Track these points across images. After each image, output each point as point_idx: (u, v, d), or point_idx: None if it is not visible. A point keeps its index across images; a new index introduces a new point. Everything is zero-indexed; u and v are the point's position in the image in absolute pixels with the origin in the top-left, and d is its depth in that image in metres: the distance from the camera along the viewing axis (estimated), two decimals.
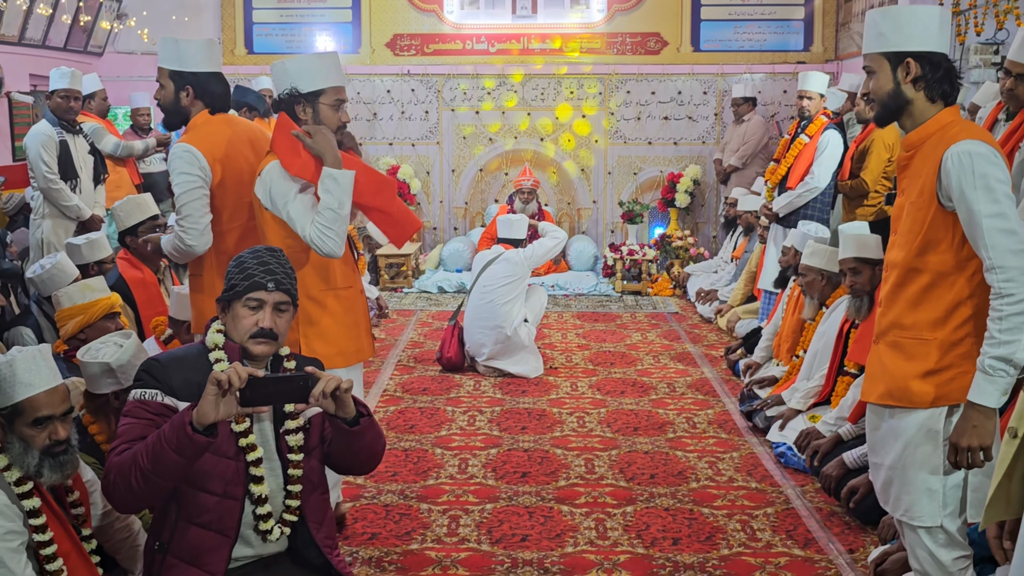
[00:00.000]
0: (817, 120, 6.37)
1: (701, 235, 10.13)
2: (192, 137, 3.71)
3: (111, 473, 2.43)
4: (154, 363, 2.62)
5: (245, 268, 2.67)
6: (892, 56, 2.81)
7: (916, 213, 2.80)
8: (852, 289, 4.53)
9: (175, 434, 2.36)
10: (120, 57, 9.82)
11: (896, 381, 2.84)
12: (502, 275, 6.32)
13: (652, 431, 5.20)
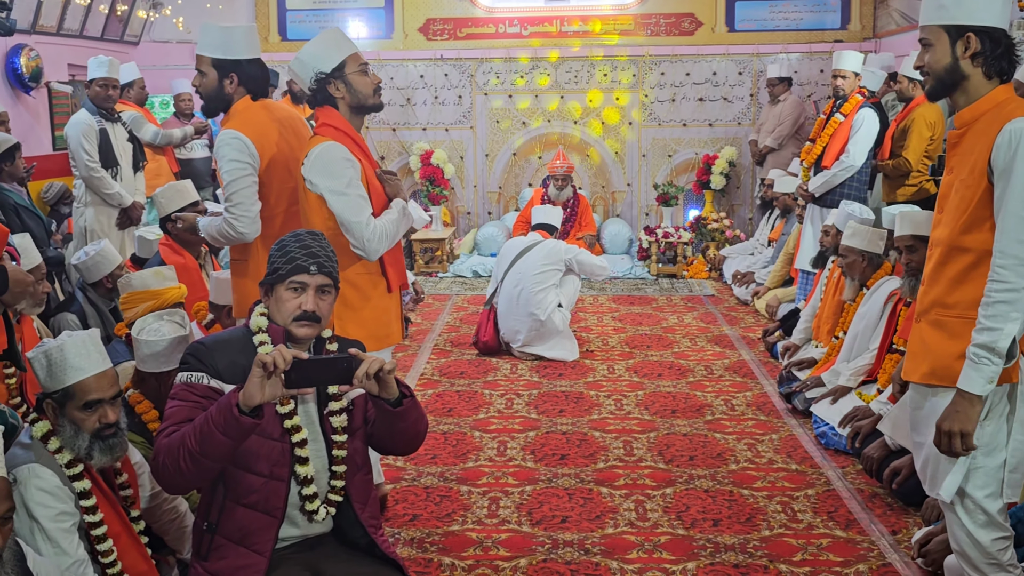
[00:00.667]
0: (852, 99, 6.32)
1: (737, 217, 10.06)
2: (238, 123, 3.71)
3: (160, 455, 2.47)
4: (200, 346, 2.65)
5: (287, 251, 2.69)
6: (952, 29, 2.74)
7: (964, 191, 2.76)
8: (907, 267, 4.48)
9: (222, 416, 2.40)
10: (156, 46, 9.90)
11: (939, 360, 2.81)
12: (539, 263, 6.31)
13: (690, 413, 5.18)
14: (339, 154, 3.48)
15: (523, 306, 6.24)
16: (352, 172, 3.49)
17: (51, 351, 2.59)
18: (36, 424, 2.62)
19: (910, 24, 8.47)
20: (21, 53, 7.46)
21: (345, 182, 3.46)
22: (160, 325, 3.28)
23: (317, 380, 2.50)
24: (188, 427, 2.45)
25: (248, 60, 3.76)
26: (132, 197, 6.52)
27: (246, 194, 3.68)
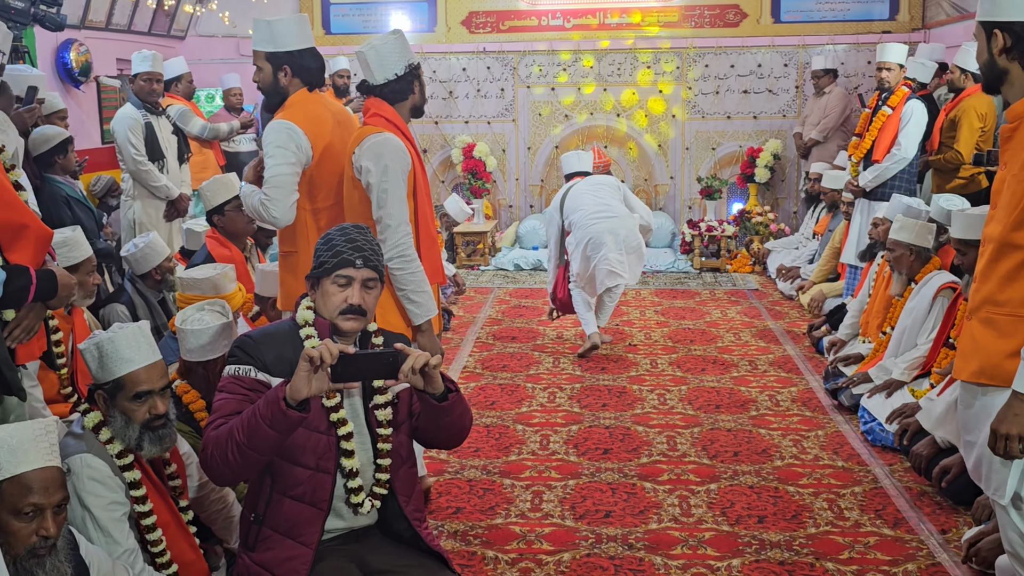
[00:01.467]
0: (898, 91, 6.21)
1: (781, 211, 9.95)
2: (292, 114, 3.71)
3: (208, 447, 2.49)
4: (247, 340, 2.68)
5: (333, 245, 2.70)
6: (987, 25, 2.74)
7: (1016, 187, 2.69)
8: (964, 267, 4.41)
9: (269, 409, 2.41)
10: (201, 40, 9.99)
11: (989, 359, 2.75)
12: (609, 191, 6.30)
13: (734, 409, 5.14)
14: (397, 145, 3.51)
15: (628, 244, 6.14)
16: (403, 167, 3.51)
17: (102, 343, 2.62)
18: (88, 415, 2.66)
19: (960, 14, 8.31)
20: (71, 48, 7.57)
21: (395, 177, 3.48)
22: (202, 315, 3.32)
23: (363, 374, 2.51)
24: (236, 420, 2.47)
25: (300, 51, 3.76)
26: (178, 189, 6.59)
27: (284, 180, 3.66)
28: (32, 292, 2.46)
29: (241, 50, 10.03)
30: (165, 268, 5.02)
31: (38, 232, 2.56)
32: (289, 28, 3.74)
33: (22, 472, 2.20)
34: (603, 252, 6.06)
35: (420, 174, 3.64)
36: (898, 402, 4.59)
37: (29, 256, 2.52)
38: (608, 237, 6.08)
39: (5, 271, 2.39)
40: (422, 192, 3.64)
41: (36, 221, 2.58)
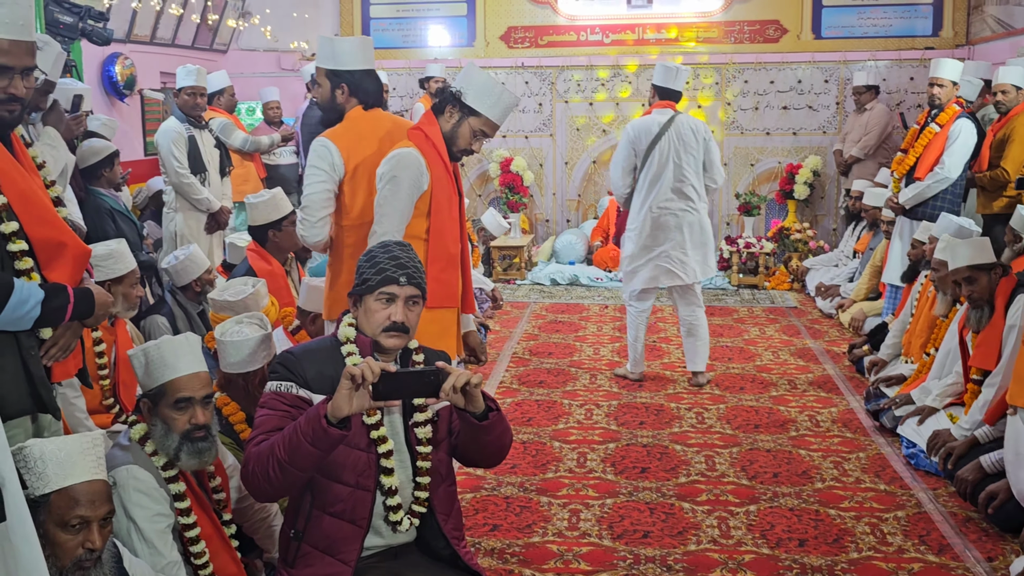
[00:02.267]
0: (949, 109, 6.08)
1: (820, 228, 9.86)
2: (335, 131, 3.80)
3: (250, 463, 2.51)
4: (289, 356, 2.69)
5: (377, 262, 2.71)
6: None
7: None
8: (970, 299, 4.35)
9: (310, 427, 2.42)
10: (243, 54, 10.11)
11: None
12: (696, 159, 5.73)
13: (774, 429, 5.09)
14: (411, 161, 3.52)
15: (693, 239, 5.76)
16: (412, 183, 3.51)
17: (149, 349, 2.66)
18: (135, 426, 2.69)
19: (1006, 31, 8.21)
20: (116, 61, 7.68)
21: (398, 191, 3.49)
22: (241, 327, 3.34)
23: (404, 392, 2.51)
24: (277, 436, 2.48)
25: (360, 71, 3.82)
26: (220, 202, 6.66)
27: (315, 199, 3.75)
28: (70, 311, 2.47)
29: (282, 64, 10.13)
30: (205, 280, 5.06)
31: (76, 250, 2.57)
32: (351, 48, 3.81)
33: (70, 485, 2.22)
34: (665, 248, 5.74)
35: (443, 193, 3.61)
36: (929, 429, 4.51)
37: (67, 274, 2.53)
38: (675, 233, 5.72)
39: (44, 290, 2.40)
40: (441, 212, 3.62)
41: (74, 239, 2.59)
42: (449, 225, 3.67)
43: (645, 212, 5.75)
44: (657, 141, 5.68)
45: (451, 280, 3.69)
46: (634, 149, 5.75)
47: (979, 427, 4.22)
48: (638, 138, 5.75)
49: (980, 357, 4.32)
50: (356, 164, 3.77)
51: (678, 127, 5.72)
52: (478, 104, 3.57)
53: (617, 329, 7.32)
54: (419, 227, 3.59)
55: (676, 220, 5.73)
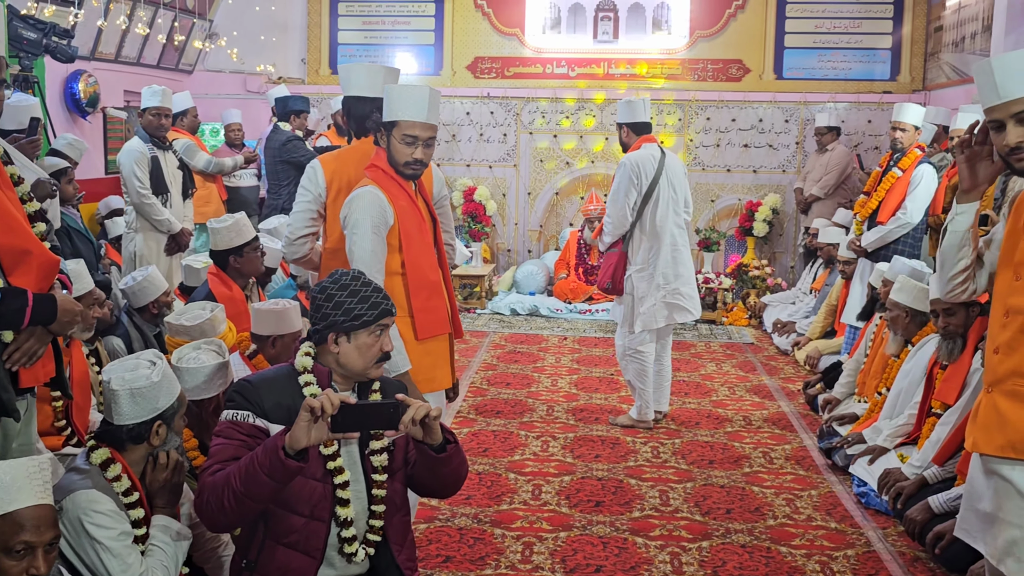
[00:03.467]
0: (911, 153, 6.17)
1: (779, 265, 9.99)
2: (327, 154, 3.96)
3: (204, 493, 2.48)
4: (246, 385, 2.67)
5: (366, 298, 2.67)
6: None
7: None
8: (944, 331, 4.43)
9: (267, 458, 2.41)
10: (209, 75, 10.08)
11: (1019, 432, 2.67)
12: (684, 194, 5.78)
13: (728, 465, 5.12)
14: (369, 201, 3.50)
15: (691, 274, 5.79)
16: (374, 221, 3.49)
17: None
18: (96, 451, 2.67)
19: (961, 78, 8.42)
20: (79, 79, 7.63)
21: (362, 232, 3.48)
22: (198, 354, 3.32)
23: (363, 425, 2.50)
24: (233, 467, 2.46)
25: (351, 98, 3.94)
26: (181, 224, 6.62)
27: (296, 218, 3.91)
28: (28, 315, 2.46)
29: (248, 86, 10.11)
30: (163, 302, 5.02)
31: (42, 259, 2.58)
32: (344, 74, 3.96)
33: (15, 509, 2.19)
34: (676, 285, 5.64)
35: (411, 223, 3.60)
36: (880, 468, 4.57)
37: (32, 282, 2.53)
38: (682, 268, 5.67)
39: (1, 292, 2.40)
40: (413, 243, 3.60)
41: (41, 248, 2.59)
42: (424, 254, 3.65)
43: (656, 248, 5.62)
44: (659, 176, 5.61)
45: (438, 307, 3.67)
46: (636, 184, 5.59)
47: (929, 467, 4.28)
48: (640, 173, 5.60)
49: (944, 391, 4.39)
50: (339, 188, 3.82)
51: (670, 161, 5.71)
52: (388, 115, 3.54)
53: (575, 361, 7.35)
54: (394, 263, 3.58)
55: (681, 256, 5.68)
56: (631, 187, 5.58)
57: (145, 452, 2.76)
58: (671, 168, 5.67)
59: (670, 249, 5.62)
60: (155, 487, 2.76)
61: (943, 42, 9.06)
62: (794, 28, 9.91)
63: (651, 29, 10.09)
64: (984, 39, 7.73)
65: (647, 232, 5.62)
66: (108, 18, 7.72)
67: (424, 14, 10.26)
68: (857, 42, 9.84)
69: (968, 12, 8.27)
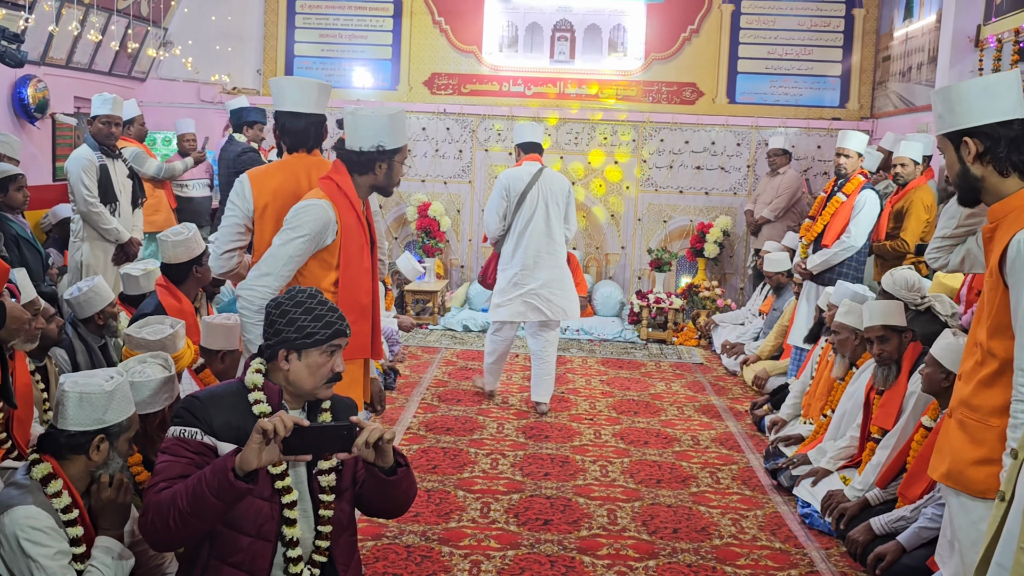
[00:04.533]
0: (854, 179, 6.34)
1: (729, 286, 10.11)
2: (258, 168, 3.94)
3: (149, 511, 2.45)
4: (195, 401, 2.63)
5: (320, 316, 2.65)
6: (953, 136, 2.73)
7: (989, 292, 2.70)
8: (879, 358, 4.52)
9: (216, 480, 2.38)
10: (162, 83, 9.97)
11: (956, 464, 2.75)
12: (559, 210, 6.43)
13: (675, 484, 5.17)
14: (318, 215, 3.49)
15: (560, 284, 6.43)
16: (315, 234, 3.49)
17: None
18: (37, 466, 2.62)
19: (907, 107, 8.62)
20: (29, 84, 7.50)
21: (295, 239, 3.48)
22: (144, 367, 3.27)
23: (316, 447, 2.49)
24: (180, 486, 2.43)
25: (286, 112, 3.91)
26: (129, 233, 6.53)
27: (222, 232, 3.92)
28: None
29: (202, 96, 10.02)
30: (108, 313, 4.93)
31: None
32: (277, 88, 3.92)
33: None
34: (533, 287, 6.36)
35: (354, 244, 3.60)
36: (823, 490, 4.64)
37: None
38: (542, 273, 6.36)
39: None
40: (352, 263, 3.61)
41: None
42: (361, 276, 3.66)
43: (519, 254, 6.38)
44: (528, 190, 6.36)
45: (363, 331, 3.68)
46: (506, 196, 6.39)
47: (871, 489, 4.36)
48: (510, 187, 6.40)
49: (881, 417, 4.48)
50: (265, 204, 3.80)
51: (546, 179, 6.44)
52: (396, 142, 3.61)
53: (526, 379, 7.36)
54: (327, 279, 3.58)
55: (543, 262, 6.37)
56: (500, 199, 6.41)
57: (85, 467, 2.71)
58: (546, 185, 6.41)
59: (533, 255, 6.37)
60: (100, 507, 2.72)
61: (891, 71, 9.27)
62: (747, 53, 10.07)
63: (607, 50, 10.19)
64: (930, 70, 7.92)
65: (514, 238, 6.42)
66: (60, 23, 7.61)
67: (382, 28, 10.26)
68: (808, 69, 10.03)
69: (915, 43, 8.47)
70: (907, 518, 4.00)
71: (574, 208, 6.55)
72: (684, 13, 10.05)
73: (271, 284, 3.46)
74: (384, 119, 3.57)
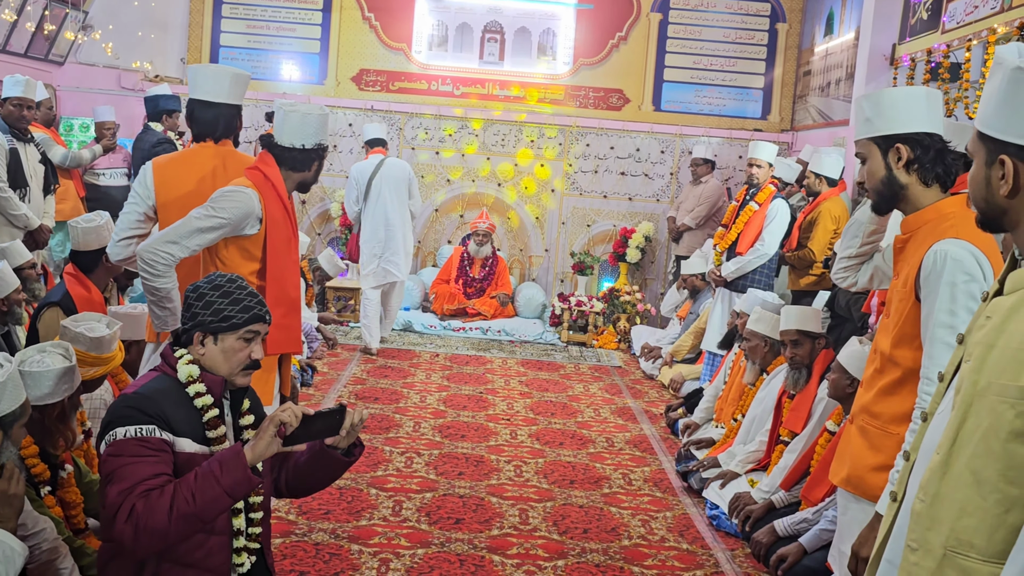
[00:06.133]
0: (766, 188, 6.51)
1: (649, 291, 10.24)
2: (163, 157, 3.88)
3: (139, 517, 2.33)
4: (141, 398, 2.50)
5: (239, 300, 2.61)
6: (881, 141, 2.73)
7: (899, 303, 2.72)
8: (791, 361, 4.63)
9: (231, 477, 2.36)
10: (81, 68, 9.72)
11: (856, 469, 2.79)
12: (406, 190, 7.91)
13: (588, 485, 5.21)
14: (244, 201, 3.48)
15: (406, 249, 7.98)
16: (238, 220, 3.48)
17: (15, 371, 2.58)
18: None
19: (824, 121, 8.84)
20: None
21: (214, 214, 3.45)
22: (44, 357, 3.18)
23: (313, 435, 2.53)
24: (179, 487, 2.36)
25: (195, 100, 3.87)
26: (40, 220, 6.34)
27: (123, 219, 3.90)
28: None
29: (122, 82, 9.80)
30: (13, 300, 4.80)
31: None
32: (192, 76, 3.88)
33: None
34: (387, 255, 7.81)
35: (280, 236, 3.60)
36: (731, 492, 4.74)
37: None
38: (391, 243, 7.81)
39: None
40: (279, 255, 3.60)
41: None
42: (290, 268, 3.65)
43: (371, 230, 7.83)
44: (372, 178, 7.79)
45: (294, 325, 3.66)
46: (356, 185, 7.85)
47: (777, 492, 4.46)
48: (358, 177, 7.86)
49: (791, 420, 4.59)
50: (167, 200, 3.78)
51: (386, 167, 7.87)
52: (323, 138, 3.65)
53: (446, 378, 7.36)
54: (248, 268, 3.55)
55: (391, 234, 7.83)
56: (352, 188, 7.90)
57: None
58: (387, 172, 7.85)
59: (384, 229, 7.81)
60: None
61: (811, 86, 9.49)
62: (673, 63, 10.22)
63: (536, 54, 10.25)
64: (847, 85, 8.14)
65: (367, 218, 7.86)
66: None
67: (310, 22, 10.15)
68: (732, 80, 10.22)
69: (834, 59, 8.70)
70: (809, 520, 4.10)
71: (416, 186, 8.00)
72: (613, 20, 10.15)
73: (174, 252, 3.45)
74: (324, 117, 3.64)
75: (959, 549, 1.69)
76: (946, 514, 1.72)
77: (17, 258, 5.13)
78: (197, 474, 2.38)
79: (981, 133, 1.76)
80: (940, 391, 1.95)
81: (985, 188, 1.77)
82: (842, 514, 2.97)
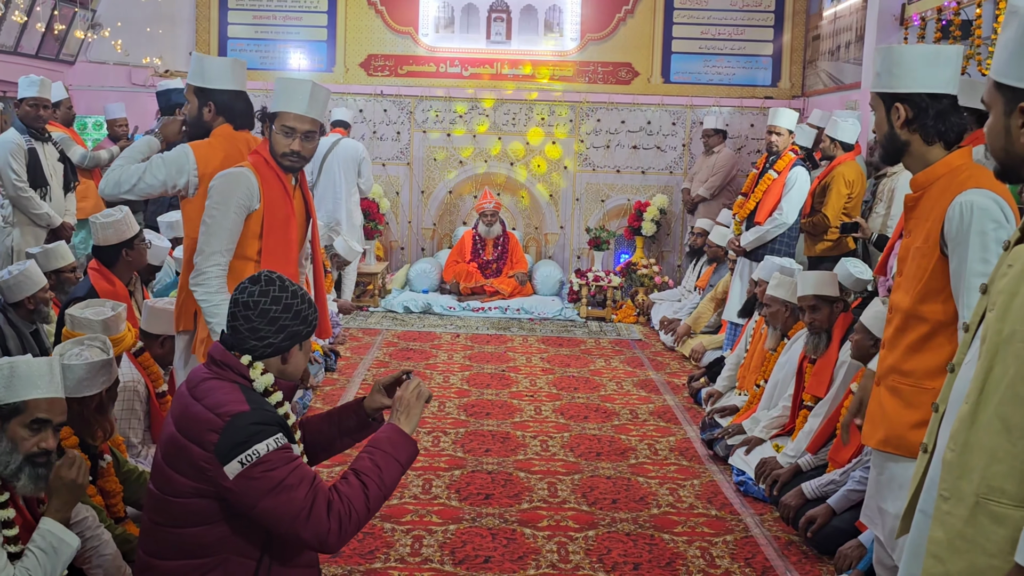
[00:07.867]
0: (785, 156, 6.46)
1: (666, 264, 10.26)
2: (199, 143, 3.88)
3: (342, 512, 2.44)
4: (257, 413, 2.50)
5: (300, 312, 2.62)
6: (886, 97, 2.77)
7: (920, 259, 2.74)
8: (810, 326, 4.64)
9: (405, 452, 2.59)
10: (92, 66, 9.78)
11: (894, 428, 2.80)
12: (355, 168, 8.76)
13: (614, 457, 5.26)
14: (241, 180, 3.56)
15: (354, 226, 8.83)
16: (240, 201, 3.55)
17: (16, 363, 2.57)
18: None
19: (836, 85, 8.80)
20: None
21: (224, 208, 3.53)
22: (82, 350, 3.24)
23: None
24: (361, 480, 2.51)
25: (229, 91, 3.90)
26: (61, 218, 6.42)
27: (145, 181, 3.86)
28: None
29: (133, 79, 9.86)
30: (40, 298, 4.88)
31: None
32: (221, 68, 3.89)
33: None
34: (333, 225, 8.45)
35: (278, 214, 3.65)
36: (757, 458, 4.77)
37: None
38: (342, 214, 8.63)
39: None
40: (275, 233, 3.65)
41: None
42: (284, 247, 3.68)
43: (326, 200, 8.61)
44: (326, 157, 8.62)
45: None
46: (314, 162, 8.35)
47: (803, 455, 4.49)
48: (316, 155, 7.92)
49: (814, 385, 4.61)
50: (205, 171, 3.81)
51: (339, 147, 8.73)
52: (273, 105, 3.68)
53: (468, 358, 7.41)
54: (251, 248, 3.64)
55: (342, 204, 8.68)
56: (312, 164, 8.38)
57: None
58: (339, 151, 8.71)
59: (332, 200, 8.66)
60: (57, 485, 2.68)
61: (820, 51, 9.45)
62: (681, 34, 10.18)
63: (543, 31, 10.24)
64: (857, 48, 8.10)
65: (319, 191, 8.62)
66: None
67: (316, 10, 10.17)
68: (740, 49, 10.18)
69: (843, 23, 8.66)
70: (837, 482, 4.13)
71: (367, 166, 8.82)
72: None
73: (221, 261, 3.54)
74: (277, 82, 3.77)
75: (991, 496, 1.72)
76: (976, 462, 1.75)
77: (59, 260, 5.19)
78: (371, 459, 2.53)
79: (997, 83, 1.77)
80: (966, 341, 1.97)
81: (1004, 138, 1.78)
82: (879, 473, 2.96)
